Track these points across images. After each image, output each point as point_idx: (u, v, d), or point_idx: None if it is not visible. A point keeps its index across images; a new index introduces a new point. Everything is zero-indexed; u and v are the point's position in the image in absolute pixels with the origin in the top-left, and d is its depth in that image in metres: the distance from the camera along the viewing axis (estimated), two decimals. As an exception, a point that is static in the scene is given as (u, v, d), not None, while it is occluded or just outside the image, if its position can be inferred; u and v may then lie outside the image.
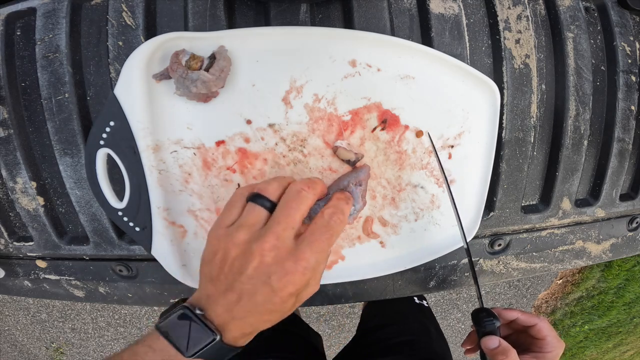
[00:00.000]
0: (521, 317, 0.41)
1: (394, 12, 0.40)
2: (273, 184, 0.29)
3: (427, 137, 0.38)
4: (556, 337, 0.40)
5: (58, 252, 0.44)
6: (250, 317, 0.28)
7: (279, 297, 0.27)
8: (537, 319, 0.40)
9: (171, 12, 0.38)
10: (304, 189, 0.28)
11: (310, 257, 0.26)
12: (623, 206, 0.51)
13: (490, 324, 0.38)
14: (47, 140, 0.40)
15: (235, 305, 0.27)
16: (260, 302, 0.27)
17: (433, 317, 0.75)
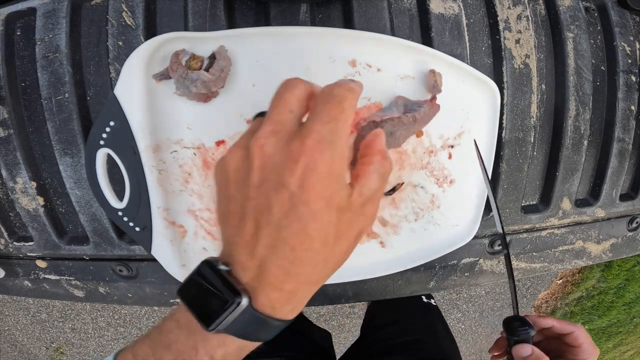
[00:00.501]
0: (557, 325, 0.39)
1: (394, 12, 0.40)
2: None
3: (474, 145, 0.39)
4: (592, 343, 0.39)
5: (58, 252, 0.44)
6: (280, 256, 0.20)
7: (304, 203, 0.19)
8: (574, 326, 0.39)
9: (171, 12, 0.38)
10: (290, 78, 0.23)
11: (321, 128, 0.20)
12: (623, 206, 0.51)
13: (525, 333, 0.37)
14: (47, 140, 0.40)
15: (255, 240, 0.20)
16: (281, 220, 0.19)
17: (441, 316, 0.74)
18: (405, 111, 0.35)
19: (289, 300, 0.21)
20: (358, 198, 0.21)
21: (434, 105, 0.36)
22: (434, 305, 0.76)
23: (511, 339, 0.38)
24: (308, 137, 0.19)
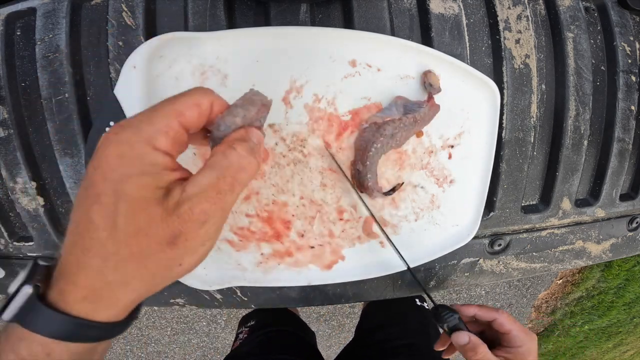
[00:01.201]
0: (479, 313, 0.40)
1: (394, 12, 0.40)
2: None
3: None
4: (523, 329, 0.39)
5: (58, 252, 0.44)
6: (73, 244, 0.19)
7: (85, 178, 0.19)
8: (496, 312, 0.39)
9: (171, 12, 0.38)
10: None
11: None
12: (623, 206, 0.51)
13: (452, 318, 0.37)
14: (47, 140, 0.40)
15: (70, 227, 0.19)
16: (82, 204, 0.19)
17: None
18: (405, 112, 0.35)
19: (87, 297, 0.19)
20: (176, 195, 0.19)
21: (434, 105, 0.36)
22: (426, 309, 0.76)
23: (442, 326, 0.38)
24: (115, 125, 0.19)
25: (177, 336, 1.56)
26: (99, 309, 0.20)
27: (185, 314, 1.53)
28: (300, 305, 0.44)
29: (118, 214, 0.18)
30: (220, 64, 0.34)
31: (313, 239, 0.40)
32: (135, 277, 0.19)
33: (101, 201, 0.18)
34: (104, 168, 0.18)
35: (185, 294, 0.45)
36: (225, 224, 0.38)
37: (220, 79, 0.34)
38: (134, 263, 0.19)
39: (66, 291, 0.19)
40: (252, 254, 0.39)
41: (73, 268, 0.19)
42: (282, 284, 0.41)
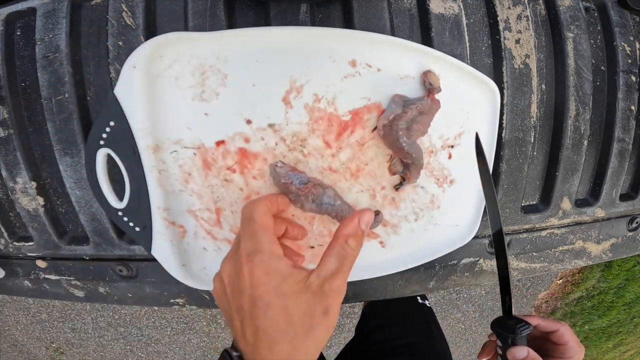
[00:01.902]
0: (542, 324, 0.39)
1: (394, 12, 0.40)
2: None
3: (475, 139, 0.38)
4: (577, 341, 0.39)
5: (58, 252, 0.44)
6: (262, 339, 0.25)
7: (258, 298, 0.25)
8: (559, 324, 0.39)
9: (171, 12, 0.38)
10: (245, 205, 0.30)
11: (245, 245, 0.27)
12: (623, 206, 0.51)
13: (526, 329, 0.36)
14: (47, 140, 0.40)
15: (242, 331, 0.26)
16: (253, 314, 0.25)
17: (435, 317, 0.75)
18: (405, 106, 0.35)
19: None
20: (315, 280, 0.26)
21: (434, 100, 0.36)
22: (428, 307, 0.76)
23: (511, 337, 0.37)
24: (241, 256, 0.26)
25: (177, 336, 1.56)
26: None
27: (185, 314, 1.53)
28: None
29: (288, 308, 0.25)
30: (220, 64, 0.34)
31: (313, 239, 0.40)
32: (309, 347, 0.26)
33: (273, 305, 0.25)
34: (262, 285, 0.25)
35: (185, 294, 0.45)
36: (225, 224, 0.38)
37: (220, 79, 0.34)
38: (307, 338, 0.25)
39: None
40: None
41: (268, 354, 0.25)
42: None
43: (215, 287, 0.29)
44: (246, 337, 0.26)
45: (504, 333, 0.37)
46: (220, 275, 0.28)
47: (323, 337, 0.26)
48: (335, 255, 0.27)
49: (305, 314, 0.25)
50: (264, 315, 0.25)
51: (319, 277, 0.26)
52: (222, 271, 0.28)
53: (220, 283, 0.28)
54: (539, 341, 0.41)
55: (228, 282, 0.27)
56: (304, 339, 0.25)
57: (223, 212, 0.38)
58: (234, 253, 0.28)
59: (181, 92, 0.34)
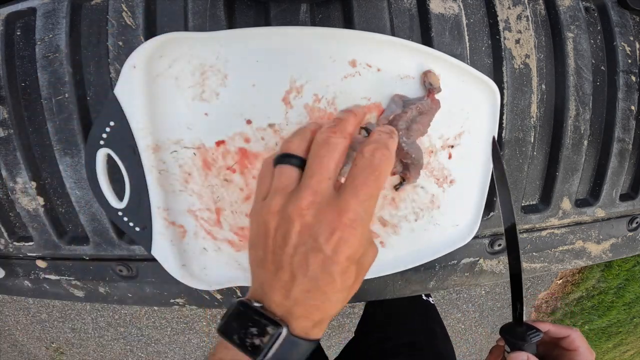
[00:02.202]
0: (552, 329, 0.39)
1: (394, 12, 0.40)
2: (295, 139, 0.25)
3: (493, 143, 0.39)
4: (588, 347, 0.38)
5: (58, 252, 0.44)
6: (312, 298, 0.23)
7: (335, 263, 0.23)
8: (570, 329, 0.38)
9: (171, 12, 0.38)
10: (331, 135, 0.24)
11: (357, 207, 0.22)
12: (623, 206, 0.51)
13: (537, 336, 0.36)
14: (47, 140, 0.40)
15: (291, 286, 0.23)
16: (316, 274, 0.23)
17: (438, 315, 0.74)
18: (404, 106, 0.36)
19: (317, 325, 0.25)
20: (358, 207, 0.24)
21: (434, 100, 0.36)
22: (432, 304, 0.75)
23: (519, 344, 0.36)
24: (344, 215, 0.22)
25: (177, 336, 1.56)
26: (320, 331, 0.26)
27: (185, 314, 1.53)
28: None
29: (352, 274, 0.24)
30: (220, 64, 0.34)
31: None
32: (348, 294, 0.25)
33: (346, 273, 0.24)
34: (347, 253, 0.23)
35: (185, 294, 0.45)
36: (225, 224, 0.38)
37: (220, 79, 0.34)
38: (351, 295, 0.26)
39: (306, 326, 0.24)
40: (252, 254, 0.39)
41: (313, 311, 0.24)
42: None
43: (271, 220, 0.24)
44: (291, 291, 0.23)
45: (513, 340, 0.37)
46: (287, 212, 0.23)
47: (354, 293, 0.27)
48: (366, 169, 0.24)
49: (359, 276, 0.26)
50: (332, 280, 0.23)
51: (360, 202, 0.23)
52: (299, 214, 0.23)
53: (284, 221, 0.23)
54: (548, 346, 0.40)
55: (301, 229, 0.23)
56: (346, 298, 0.25)
57: (223, 212, 0.38)
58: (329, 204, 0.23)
59: (181, 92, 0.34)
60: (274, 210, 0.24)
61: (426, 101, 0.35)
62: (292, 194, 0.24)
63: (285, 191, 0.24)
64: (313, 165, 0.24)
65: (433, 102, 0.36)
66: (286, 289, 0.24)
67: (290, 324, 0.24)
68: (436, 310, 0.75)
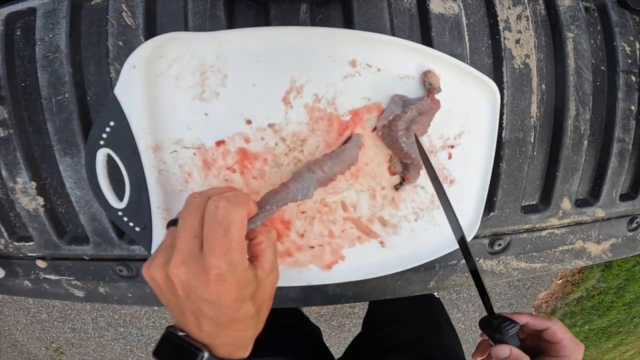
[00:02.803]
0: (531, 322, 0.38)
1: (394, 12, 0.40)
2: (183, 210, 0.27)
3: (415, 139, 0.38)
4: (573, 339, 0.37)
5: (58, 252, 0.44)
6: (222, 332, 0.27)
7: (224, 307, 0.25)
8: (550, 321, 0.38)
9: (171, 12, 0.38)
10: (195, 196, 0.27)
11: (218, 263, 0.24)
12: (623, 206, 0.51)
13: (513, 329, 0.35)
14: (47, 140, 0.40)
15: (200, 324, 0.26)
16: (214, 316, 0.26)
17: (443, 309, 0.73)
18: (404, 106, 0.36)
19: (240, 347, 0.29)
20: (263, 273, 0.28)
21: (434, 100, 0.36)
22: (436, 298, 0.75)
23: (497, 337, 0.36)
24: (209, 272, 0.24)
25: (177, 336, 1.55)
26: (246, 351, 0.29)
27: (185, 314, 1.52)
28: (301, 305, 0.44)
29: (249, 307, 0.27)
30: (220, 64, 0.34)
31: (313, 239, 0.40)
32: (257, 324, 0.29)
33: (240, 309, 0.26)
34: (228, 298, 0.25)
35: (185, 294, 0.45)
36: None
37: (220, 79, 0.34)
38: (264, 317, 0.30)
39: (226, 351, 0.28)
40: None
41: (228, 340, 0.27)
42: (281, 284, 0.41)
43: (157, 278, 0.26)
44: (201, 328, 0.26)
45: (492, 334, 0.37)
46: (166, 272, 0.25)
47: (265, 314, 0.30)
48: (268, 247, 0.29)
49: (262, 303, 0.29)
50: (230, 319, 0.26)
51: (264, 269, 0.28)
52: (173, 274, 0.25)
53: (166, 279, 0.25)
54: (534, 339, 0.40)
55: (181, 286, 0.25)
56: (257, 321, 0.29)
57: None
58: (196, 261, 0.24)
59: (181, 92, 0.34)
60: (157, 268, 0.26)
61: (426, 101, 0.35)
62: (171, 253, 0.26)
63: (166, 251, 0.26)
64: (178, 228, 0.26)
65: (433, 102, 0.36)
66: (197, 327, 0.26)
67: (212, 349, 0.27)
68: (441, 304, 0.75)
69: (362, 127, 0.37)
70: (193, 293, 0.25)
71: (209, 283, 0.24)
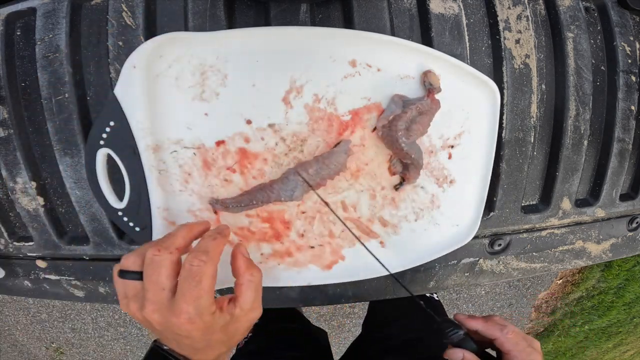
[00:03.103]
0: (481, 329, 0.36)
1: (394, 12, 0.40)
2: (131, 256, 0.30)
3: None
4: (524, 350, 0.35)
5: (58, 252, 0.44)
6: (197, 352, 0.31)
7: (197, 339, 0.29)
8: (499, 331, 0.36)
9: (171, 12, 0.38)
10: (155, 254, 0.29)
11: (188, 308, 0.27)
12: (623, 206, 0.51)
13: (455, 335, 0.35)
14: (47, 140, 0.40)
15: (180, 348, 0.31)
16: (189, 344, 0.30)
17: (443, 310, 0.74)
18: (404, 106, 0.36)
19: (216, 358, 0.32)
20: (240, 312, 0.30)
21: (434, 99, 0.36)
22: (436, 300, 0.75)
23: (444, 342, 0.36)
24: (180, 316, 0.28)
25: (177, 336, 1.55)
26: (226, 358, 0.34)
27: (185, 314, 1.52)
28: (301, 305, 0.44)
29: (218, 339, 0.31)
30: (220, 64, 0.34)
31: (313, 239, 0.40)
32: (232, 344, 0.33)
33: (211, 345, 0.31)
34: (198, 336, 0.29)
35: (185, 294, 0.45)
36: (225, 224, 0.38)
37: (220, 79, 0.34)
38: (236, 342, 0.33)
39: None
40: (252, 254, 0.39)
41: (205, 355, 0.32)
42: (282, 284, 0.41)
43: (138, 319, 0.30)
44: (181, 348, 0.31)
45: (439, 337, 0.36)
46: (144, 318, 0.29)
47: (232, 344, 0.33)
48: (249, 288, 0.31)
49: (233, 335, 0.32)
50: (200, 345, 0.30)
51: (242, 309, 0.30)
52: (149, 318, 0.29)
53: (145, 321, 0.29)
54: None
55: (157, 325, 0.29)
56: (230, 346, 0.33)
57: (222, 212, 0.38)
58: (167, 308, 0.28)
59: (181, 92, 0.34)
60: (134, 312, 0.30)
61: (426, 101, 0.35)
62: (141, 300, 0.29)
63: (136, 298, 0.30)
64: (145, 283, 0.29)
65: (433, 102, 0.36)
66: (177, 347, 0.31)
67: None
68: (442, 306, 0.75)
69: (362, 127, 0.37)
70: (168, 329, 0.29)
71: (181, 325, 0.28)
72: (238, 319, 0.31)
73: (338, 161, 0.35)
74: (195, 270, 0.28)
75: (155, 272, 0.28)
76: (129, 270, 0.30)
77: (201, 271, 0.28)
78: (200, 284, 0.28)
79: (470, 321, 0.37)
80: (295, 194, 0.35)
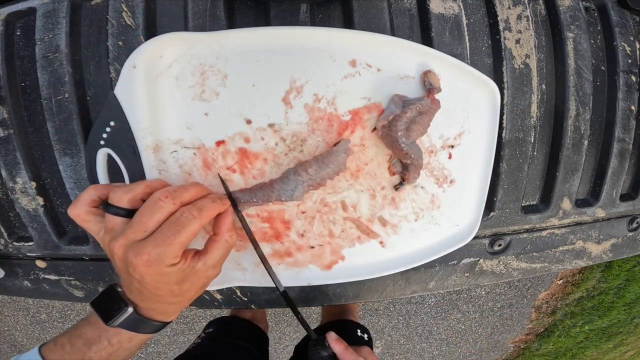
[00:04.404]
0: (338, 354, 0.36)
1: (394, 12, 0.40)
2: (119, 190, 0.31)
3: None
4: None
5: (58, 252, 0.44)
6: (145, 300, 0.32)
7: (148, 285, 0.30)
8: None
9: (171, 12, 0.38)
10: (161, 198, 0.29)
11: (152, 251, 0.28)
12: (623, 206, 0.51)
13: (316, 353, 0.36)
14: (47, 140, 0.40)
15: (130, 289, 0.32)
16: (139, 288, 0.30)
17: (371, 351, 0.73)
18: (404, 106, 0.36)
19: (162, 314, 0.34)
20: (202, 267, 0.31)
21: (434, 99, 0.36)
22: (366, 340, 0.73)
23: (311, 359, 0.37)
24: (140, 256, 0.28)
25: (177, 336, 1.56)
26: (168, 317, 0.35)
27: (185, 314, 1.53)
28: (301, 305, 0.44)
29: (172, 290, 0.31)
30: (220, 64, 0.34)
31: (313, 239, 0.40)
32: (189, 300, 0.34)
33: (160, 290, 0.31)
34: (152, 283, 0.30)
35: (185, 294, 0.45)
36: None
37: (220, 79, 0.34)
38: (188, 298, 0.34)
39: (150, 311, 0.33)
40: (252, 254, 0.39)
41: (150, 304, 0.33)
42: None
43: (106, 248, 0.31)
44: (130, 291, 0.32)
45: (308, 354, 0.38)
46: (110, 250, 0.30)
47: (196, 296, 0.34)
48: (221, 248, 0.32)
49: (188, 289, 0.32)
50: (148, 293, 0.31)
51: (205, 264, 0.31)
52: (115, 251, 0.29)
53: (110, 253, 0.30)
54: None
55: (118, 260, 0.30)
56: (180, 300, 0.33)
57: (223, 212, 0.38)
58: (134, 247, 0.28)
59: (181, 92, 0.34)
60: (105, 243, 0.31)
61: (426, 101, 0.35)
62: (116, 234, 0.30)
63: (112, 232, 0.30)
64: (135, 219, 0.29)
65: (433, 102, 0.36)
66: (128, 289, 0.32)
67: (138, 309, 0.33)
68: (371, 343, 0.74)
69: (362, 127, 0.37)
70: (124, 268, 0.30)
71: (137, 266, 0.28)
72: (197, 272, 0.31)
73: (338, 161, 0.35)
74: (182, 220, 0.29)
75: (149, 214, 0.29)
76: (113, 205, 0.30)
77: (187, 223, 0.29)
78: (178, 233, 0.28)
79: (334, 344, 0.37)
80: (296, 194, 0.35)
